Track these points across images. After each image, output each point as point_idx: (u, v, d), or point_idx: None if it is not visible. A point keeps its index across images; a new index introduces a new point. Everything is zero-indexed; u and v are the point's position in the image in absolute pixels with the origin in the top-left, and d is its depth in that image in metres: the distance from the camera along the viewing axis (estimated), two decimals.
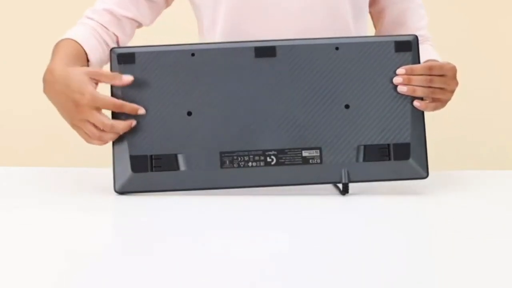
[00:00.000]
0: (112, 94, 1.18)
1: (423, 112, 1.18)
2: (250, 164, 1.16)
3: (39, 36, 2.40)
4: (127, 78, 1.15)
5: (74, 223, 1.01)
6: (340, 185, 1.17)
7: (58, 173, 1.39)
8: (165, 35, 1.62)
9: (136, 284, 0.74)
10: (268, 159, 1.16)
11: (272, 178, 1.16)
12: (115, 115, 1.17)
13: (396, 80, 1.18)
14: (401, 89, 1.17)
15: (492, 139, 2.41)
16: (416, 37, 1.20)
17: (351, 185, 1.16)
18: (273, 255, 0.84)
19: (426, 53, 1.35)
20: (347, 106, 1.17)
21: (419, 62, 1.19)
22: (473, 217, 1.05)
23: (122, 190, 1.16)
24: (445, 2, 2.36)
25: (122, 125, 1.15)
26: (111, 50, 1.19)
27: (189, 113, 1.17)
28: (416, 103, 1.18)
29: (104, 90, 1.18)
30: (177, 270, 0.78)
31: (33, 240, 0.91)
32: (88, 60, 1.26)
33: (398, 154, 1.17)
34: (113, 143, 1.17)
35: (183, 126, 1.16)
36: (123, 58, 1.18)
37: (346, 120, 1.17)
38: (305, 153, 1.16)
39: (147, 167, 1.16)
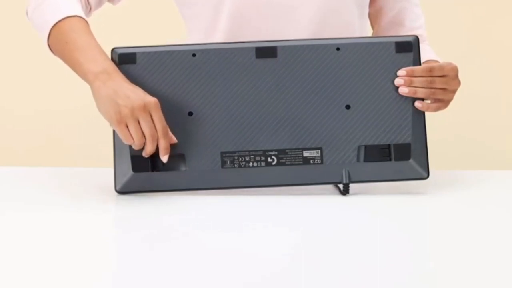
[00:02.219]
0: None
1: (423, 113, 1.19)
2: (251, 164, 1.16)
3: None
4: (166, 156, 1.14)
5: (74, 223, 1.01)
6: (341, 186, 1.17)
7: (58, 173, 1.39)
8: (167, 35, 1.62)
9: (137, 284, 0.74)
10: (269, 159, 1.16)
11: (273, 178, 1.16)
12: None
13: (397, 81, 1.18)
14: (402, 90, 1.17)
15: (492, 139, 2.41)
16: (416, 38, 1.20)
17: (351, 186, 1.16)
18: (273, 255, 0.84)
19: (425, 53, 1.35)
20: (347, 107, 1.18)
21: (419, 63, 1.19)
22: (473, 217, 1.05)
23: (123, 190, 1.16)
24: (444, 2, 2.36)
25: (164, 145, 1.13)
26: (112, 50, 1.19)
27: (190, 113, 1.17)
28: (418, 104, 1.18)
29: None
30: (177, 270, 0.78)
31: (33, 240, 0.91)
32: None
33: (399, 155, 1.17)
34: (114, 143, 1.17)
35: (184, 126, 1.16)
36: (125, 58, 1.18)
37: (346, 121, 1.17)
38: (306, 153, 1.17)
39: (148, 167, 1.16)
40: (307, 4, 1.31)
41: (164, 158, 1.13)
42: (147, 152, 1.12)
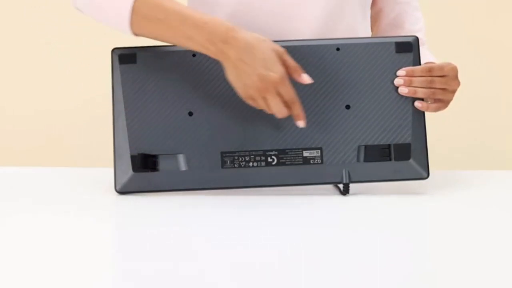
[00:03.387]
0: (113, 92, 1.17)
1: (423, 113, 1.19)
2: (251, 164, 1.16)
3: (40, 37, 2.40)
4: (307, 79, 1.13)
5: (74, 223, 1.01)
6: (341, 186, 1.17)
7: (58, 173, 1.39)
8: None
9: (137, 284, 0.74)
10: (269, 159, 1.16)
11: (273, 178, 1.16)
12: None
13: (397, 81, 1.18)
14: (402, 90, 1.18)
15: (492, 139, 2.41)
16: (416, 38, 1.20)
17: (351, 185, 1.16)
18: (273, 255, 0.84)
19: (424, 57, 1.35)
20: (348, 107, 1.18)
21: (419, 63, 1.19)
22: (473, 217, 1.05)
23: (123, 190, 1.17)
24: (444, 2, 2.36)
25: (296, 112, 1.13)
26: (113, 50, 1.19)
27: (190, 113, 1.17)
28: (417, 104, 1.18)
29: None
30: (177, 270, 0.78)
31: (33, 240, 0.91)
32: None
33: (399, 155, 1.17)
34: (114, 143, 1.17)
35: (184, 126, 1.17)
36: (125, 58, 1.18)
37: (347, 121, 1.17)
38: (306, 153, 1.17)
39: (148, 167, 1.16)
40: (310, 4, 1.31)
41: (300, 123, 1.13)
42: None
